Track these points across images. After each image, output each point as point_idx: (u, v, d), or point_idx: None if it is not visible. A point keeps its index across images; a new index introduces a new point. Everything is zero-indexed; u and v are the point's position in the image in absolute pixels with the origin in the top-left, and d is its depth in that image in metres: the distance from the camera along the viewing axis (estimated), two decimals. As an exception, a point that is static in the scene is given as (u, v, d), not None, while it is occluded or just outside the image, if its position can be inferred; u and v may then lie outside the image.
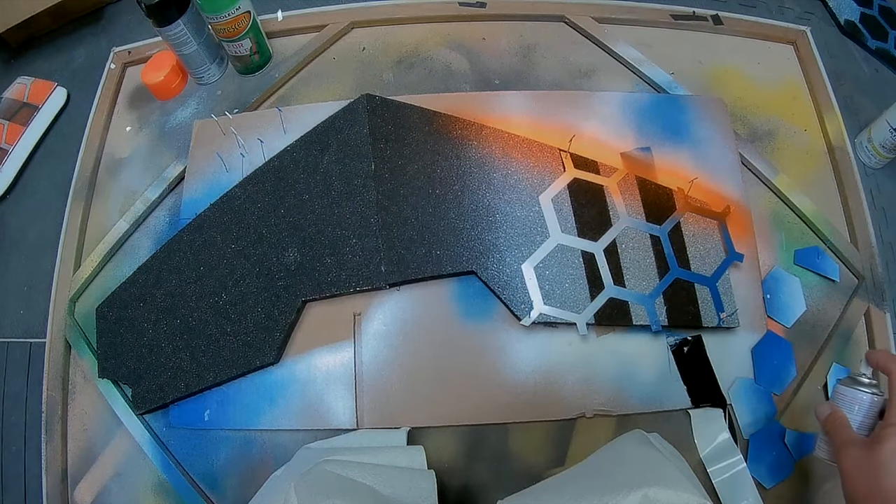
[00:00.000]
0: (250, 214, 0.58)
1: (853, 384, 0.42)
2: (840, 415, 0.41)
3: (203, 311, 0.56)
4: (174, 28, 0.63)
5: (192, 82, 0.73)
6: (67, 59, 0.80)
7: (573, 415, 0.53)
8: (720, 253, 0.56)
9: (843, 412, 0.42)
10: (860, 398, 0.41)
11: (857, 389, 0.42)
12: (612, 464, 0.44)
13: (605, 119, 0.63)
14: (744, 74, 0.69)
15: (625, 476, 0.38)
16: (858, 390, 0.41)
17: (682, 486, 0.36)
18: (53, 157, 0.73)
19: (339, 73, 0.71)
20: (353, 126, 0.59)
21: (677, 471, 0.39)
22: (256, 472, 0.54)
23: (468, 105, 0.63)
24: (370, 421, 0.54)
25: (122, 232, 0.64)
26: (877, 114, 0.63)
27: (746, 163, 0.63)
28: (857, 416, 0.41)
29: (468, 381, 0.54)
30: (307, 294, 0.55)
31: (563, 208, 0.57)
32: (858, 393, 0.41)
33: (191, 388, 0.54)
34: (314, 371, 0.55)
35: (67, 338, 0.60)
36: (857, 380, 0.42)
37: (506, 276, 0.55)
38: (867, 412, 0.41)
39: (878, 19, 0.75)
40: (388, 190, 0.57)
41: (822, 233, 0.60)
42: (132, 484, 0.55)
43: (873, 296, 0.58)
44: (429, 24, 0.73)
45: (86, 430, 0.58)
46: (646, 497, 0.34)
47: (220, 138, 0.64)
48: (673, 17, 0.71)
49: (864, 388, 0.42)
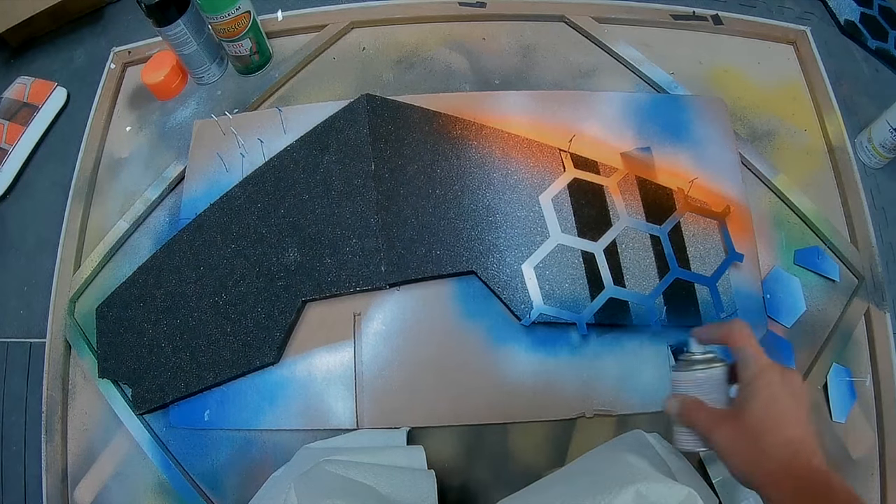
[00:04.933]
0: (250, 214, 0.58)
1: (688, 366, 0.39)
2: (691, 401, 0.38)
3: (203, 311, 0.56)
4: (174, 28, 0.63)
5: (192, 82, 0.73)
6: (67, 59, 0.80)
7: (573, 415, 0.53)
8: (720, 253, 0.56)
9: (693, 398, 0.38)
10: (702, 377, 0.38)
11: (695, 370, 0.38)
12: (605, 462, 0.44)
13: (605, 119, 0.63)
14: (744, 74, 0.69)
15: (617, 473, 0.38)
16: (697, 370, 0.38)
17: (673, 479, 0.36)
18: (53, 157, 0.74)
19: (339, 73, 0.71)
20: (353, 126, 0.59)
21: (668, 465, 0.39)
22: (256, 472, 0.54)
23: (468, 105, 0.63)
24: (370, 421, 0.53)
25: (122, 232, 0.64)
26: (877, 114, 0.63)
27: (746, 163, 0.63)
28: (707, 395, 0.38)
29: (468, 381, 0.54)
30: (307, 294, 0.55)
31: (563, 208, 0.57)
32: (698, 372, 0.38)
33: (191, 388, 0.54)
34: (314, 371, 0.55)
35: (67, 338, 0.60)
36: (691, 360, 0.39)
37: (506, 276, 0.55)
38: (716, 387, 0.38)
39: (878, 19, 0.75)
40: (388, 190, 0.57)
41: (822, 233, 0.60)
42: (132, 484, 0.55)
43: (873, 296, 0.58)
44: (429, 24, 0.73)
45: (86, 430, 0.58)
46: (638, 493, 0.34)
47: (220, 138, 0.64)
48: (673, 17, 0.71)
49: (700, 365, 0.38)
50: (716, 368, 0.38)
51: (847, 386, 0.55)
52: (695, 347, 0.39)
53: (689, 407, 0.38)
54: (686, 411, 0.38)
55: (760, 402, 0.35)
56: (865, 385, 0.56)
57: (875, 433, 0.54)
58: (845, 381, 0.55)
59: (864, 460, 0.53)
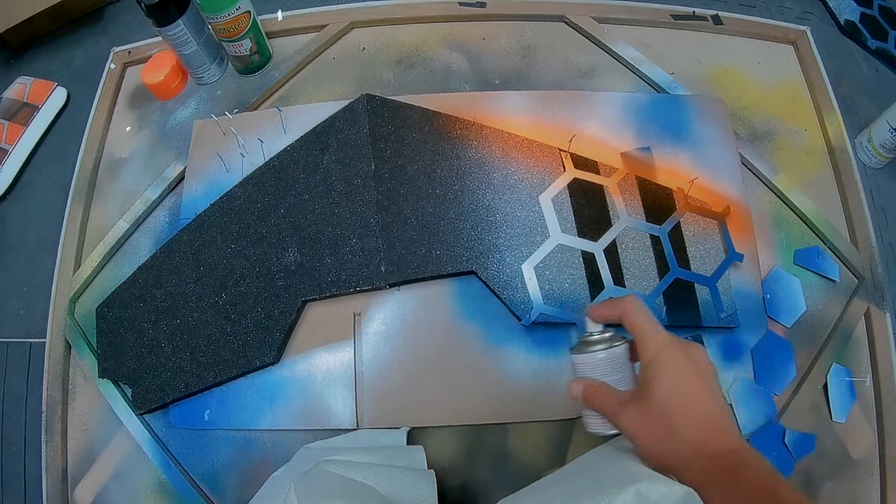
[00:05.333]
0: (250, 214, 0.58)
1: (588, 347, 0.37)
2: (594, 384, 0.37)
3: (203, 311, 0.56)
4: (174, 28, 0.63)
5: (192, 82, 0.73)
6: (67, 59, 0.80)
7: (573, 415, 0.53)
8: (720, 253, 0.56)
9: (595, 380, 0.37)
10: (602, 356, 0.37)
11: (594, 351, 0.37)
12: (605, 462, 0.44)
13: (605, 119, 0.63)
14: (743, 74, 0.69)
15: (617, 473, 0.38)
16: (596, 351, 0.37)
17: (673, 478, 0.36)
18: (53, 157, 0.73)
19: (339, 73, 0.71)
20: (353, 126, 0.59)
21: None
22: (256, 472, 0.54)
23: (468, 105, 0.63)
24: (370, 421, 0.54)
25: (122, 232, 0.64)
26: (877, 114, 0.63)
27: (746, 163, 0.63)
28: (611, 376, 0.36)
29: (468, 381, 0.54)
30: (307, 294, 0.55)
31: (563, 208, 0.57)
32: (598, 353, 0.37)
33: (191, 388, 0.54)
34: (314, 371, 0.55)
35: (67, 338, 0.60)
36: (589, 341, 0.37)
37: (506, 276, 0.55)
38: (619, 367, 0.37)
39: (878, 19, 0.75)
40: (388, 190, 0.57)
41: (822, 233, 0.60)
42: (132, 484, 0.55)
43: (873, 296, 0.58)
44: (429, 24, 0.73)
45: (86, 430, 0.58)
46: (638, 493, 0.34)
47: (220, 138, 0.64)
48: (673, 17, 0.71)
49: (599, 345, 0.37)
50: (617, 347, 0.36)
51: (847, 386, 0.55)
52: (591, 327, 0.38)
53: (593, 390, 0.36)
54: (590, 394, 0.36)
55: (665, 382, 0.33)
56: (865, 385, 0.56)
57: (875, 433, 0.54)
58: (845, 381, 0.55)
59: (864, 460, 0.53)
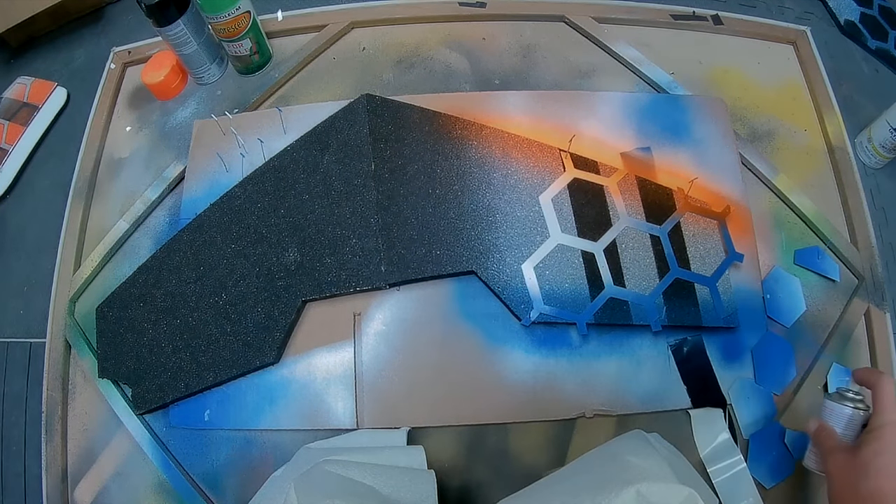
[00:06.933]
0: (250, 214, 0.58)
1: (840, 399, 0.45)
2: (827, 426, 0.44)
3: (203, 311, 0.56)
4: (174, 28, 0.63)
5: (192, 82, 0.73)
6: (67, 59, 0.80)
7: (573, 415, 0.53)
8: (720, 253, 0.56)
9: (830, 425, 0.44)
10: (845, 412, 0.44)
11: (843, 405, 0.44)
12: (605, 462, 0.44)
13: (605, 119, 0.63)
14: (743, 74, 0.69)
15: (617, 473, 0.38)
16: (844, 405, 0.44)
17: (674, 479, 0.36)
18: (53, 157, 0.73)
19: (339, 73, 0.71)
20: (353, 126, 0.59)
21: (668, 465, 0.39)
22: (256, 472, 0.54)
23: (468, 105, 0.63)
24: (370, 421, 0.54)
25: (122, 232, 0.64)
26: (877, 114, 0.63)
27: (746, 163, 0.63)
28: (844, 430, 0.44)
29: (468, 381, 0.54)
30: (307, 294, 0.55)
31: (563, 208, 0.57)
32: (844, 408, 0.44)
33: (191, 388, 0.54)
34: (314, 371, 0.55)
35: (67, 338, 0.60)
36: (844, 395, 0.45)
37: (506, 276, 0.55)
38: (852, 425, 0.44)
39: (878, 19, 0.75)
40: (388, 190, 0.57)
41: (822, 233, 0.60)
42: (132, 484, 0.55)
43: (873, 296, 0.58)
44: (429, 24, 0.73)
45: (86, 430, 0.58)
46: (638, 493, 0.34)
47: (220, 138, 0.64)
48: (673, 17, 0.71)
49: (849, 402, 0.44)
50: (860, 411, 0.44)
51: (847, 386, 0.55)
52: (853, 386, 0.45)
53: (823, 430, 0.44)
54: (819, 432, 0.45)
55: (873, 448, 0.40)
56: (866, 385, 0.56)
57: (875, 433, 0.54)
58: (845, 381, 0.55)
59: (864, 460, 0.54)
